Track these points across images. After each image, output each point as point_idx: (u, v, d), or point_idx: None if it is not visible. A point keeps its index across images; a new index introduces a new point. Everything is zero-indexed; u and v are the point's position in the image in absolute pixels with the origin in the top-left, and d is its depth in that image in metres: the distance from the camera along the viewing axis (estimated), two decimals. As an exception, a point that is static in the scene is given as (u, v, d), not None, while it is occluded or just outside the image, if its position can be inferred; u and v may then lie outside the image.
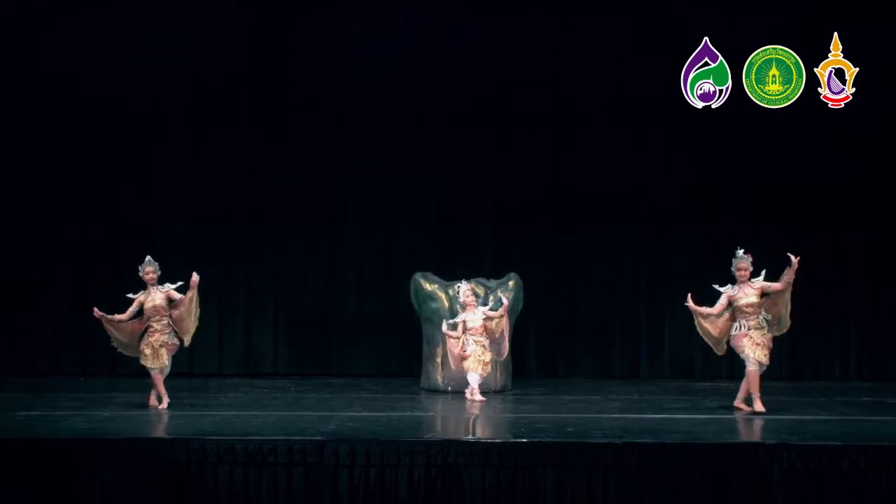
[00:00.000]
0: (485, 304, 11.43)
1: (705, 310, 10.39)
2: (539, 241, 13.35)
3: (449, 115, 13.22)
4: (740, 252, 10.36)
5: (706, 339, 10.54)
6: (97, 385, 12.15)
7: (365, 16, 13.11)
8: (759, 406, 10.24)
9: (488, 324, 11.22)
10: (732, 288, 10.35)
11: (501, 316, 11.24)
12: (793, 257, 10.16)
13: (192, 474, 8.65)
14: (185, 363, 12.76)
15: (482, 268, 12.03)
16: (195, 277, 10.52)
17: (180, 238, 13.10)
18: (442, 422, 10.45)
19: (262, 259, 13.35)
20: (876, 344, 13.13)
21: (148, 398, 10.62)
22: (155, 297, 10.51)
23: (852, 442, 8.83)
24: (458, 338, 11.22)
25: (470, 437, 9.17)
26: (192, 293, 10.52)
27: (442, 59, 13.19)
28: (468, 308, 11.28)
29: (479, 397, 11.13)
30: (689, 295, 10.39)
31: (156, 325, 10.52)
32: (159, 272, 10.57)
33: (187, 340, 10.69)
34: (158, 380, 10.57)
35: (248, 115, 13.29)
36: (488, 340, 11.22)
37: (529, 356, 13.18)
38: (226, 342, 13.26)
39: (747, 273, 10.29)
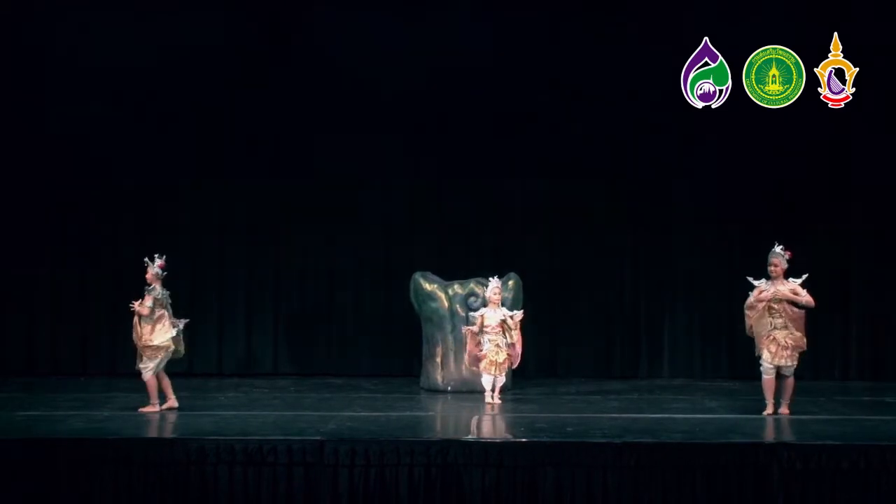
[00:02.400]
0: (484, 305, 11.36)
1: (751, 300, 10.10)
2: (539, 241, 13.35)
3: (449, 114, 13.22)
4: (777, 248, 10.16)
5: (750, 334, 10.24)
6: (96, 385, 12.14)
7: (366, 16, 13.09)
8: (769, 410, 10.17)
9: (504, 326, 11.05)
10: (765, 283, 10.13)
11: (517, 324, 11.05)
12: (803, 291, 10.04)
13: (192, 474, 8.65)
14: (185, 363, 12.73)
15: (482, 268, 12.02)
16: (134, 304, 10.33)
17: (180, 238, 13.09)
18: (441, 422, 10.45)
19: (262, 258, 13.35)
20: (876, 343, 13.14)
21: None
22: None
23: (852, 441, 8.84)
24: (476, 333, 11.04)
25: (470, 436, 9.17)
26: (135, 318, 10.32)
27: (442, 59, 13.15)
28: (491, 305, 11.12)
29: (494, 400, 10.98)
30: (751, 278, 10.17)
31: None
32: (155, 272, 10.33)
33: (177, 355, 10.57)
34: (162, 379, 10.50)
35: (248, 114, 13.28)
36: (504, 341, 11.04)
37: (529, 356, 13.08)
38: (225, 342, 13.26)
39: (776, 270, 10.07)
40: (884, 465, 8.56)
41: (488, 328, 11.00)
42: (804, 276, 10.13)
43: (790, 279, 10.13)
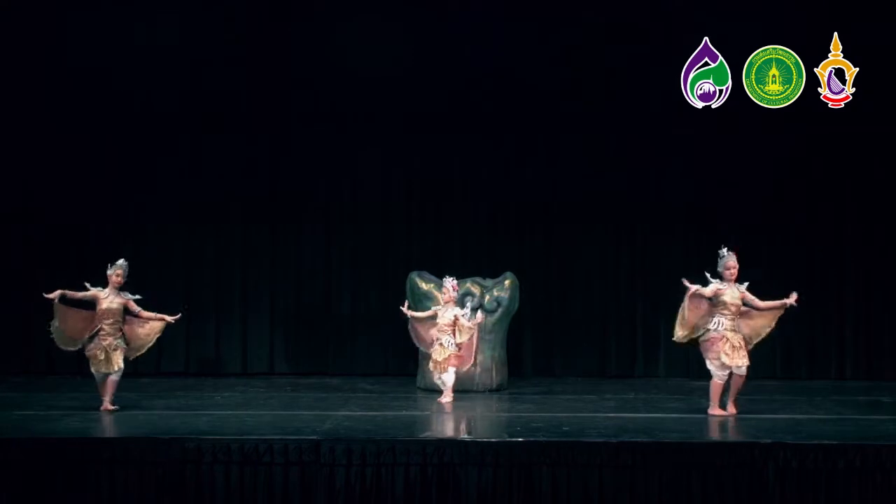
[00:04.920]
0: (480, 306, 11.33)
1: (699, 288, 10.06)
2: (535, 241, 13.35)
3: (446, 114, 13.21)
4: (724, 250, 10.23)
5: (679, 324, 10.21)
6: (92, 384, 12.05)
7: (363, 14, 13.10)
8: (731, 409, 10.24)
9: (457, 326, 11.04)
10: (721, 283, 10.17)
11: (469, 328, 11.02)
12: (793, 297, 10.03)
13: (188, 474, 8.65)
14: (182, 362, 12.77)
15: (479, 267, 12.02)
16: (172, 319, 10.37)
17: (176, 236, 13.11)
18: (438, 421, 10.44)
19: (258, 258, 13.34)
20: (871, 343, 13.12)
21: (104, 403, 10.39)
22: (114, 300, 10.31)
23: (848, 441, 8.83)
24: (417, 319, 11.15)
25: (466, 436, 9.17)
26: (161, 325, 10.34)
27: (439, 59, 13.19)
28: (445, 303, 11.14)
29: (442, 399, 11.01)
30: (685, 279, 10.12)
31: (107, 328, 10.27)
32: (127, 279, 10.40)
33: (131, 355, 10.49)
34: (111, 384, 10.32)
35: (245, 113, 13.28)
36: (451, 341, 11.02)
37: (525, 355, 13.17)
38: (222, 341, 13.24)
39: (736, 271, 10.16)
40: (879, 465, 8.56)
41: (439, 326, 11.06)
42: (746, 284, 10.16)
43: (738, 283, 10.17)
